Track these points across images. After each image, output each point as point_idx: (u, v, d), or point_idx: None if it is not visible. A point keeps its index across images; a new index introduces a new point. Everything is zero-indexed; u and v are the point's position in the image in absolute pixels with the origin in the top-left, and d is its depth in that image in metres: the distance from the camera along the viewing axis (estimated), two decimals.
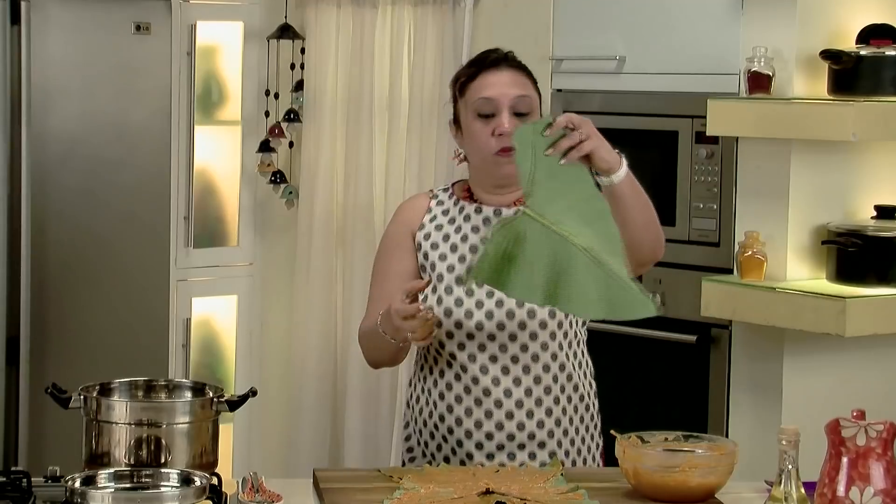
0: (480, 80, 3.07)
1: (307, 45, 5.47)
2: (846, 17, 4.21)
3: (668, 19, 4.54)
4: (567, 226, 2.72)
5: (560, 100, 4.83)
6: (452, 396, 3.08)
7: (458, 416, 3.07)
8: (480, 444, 3.06)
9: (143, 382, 2.98)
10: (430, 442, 3.12)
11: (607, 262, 2.71)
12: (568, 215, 2.74)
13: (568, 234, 2.72)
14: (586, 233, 2.73)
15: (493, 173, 3.08)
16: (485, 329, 3.05)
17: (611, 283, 2.72)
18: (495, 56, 3.11)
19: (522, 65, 3.14)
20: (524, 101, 3.05)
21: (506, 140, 2.99)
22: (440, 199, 3.18)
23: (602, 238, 2.73)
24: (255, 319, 5.69)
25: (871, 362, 4.28)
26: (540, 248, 2.72)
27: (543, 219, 2.74)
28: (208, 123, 5.58)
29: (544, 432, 3.08)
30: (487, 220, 3.10)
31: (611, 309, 2.74)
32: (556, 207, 2.74)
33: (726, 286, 4.19)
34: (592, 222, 2.74)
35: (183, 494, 2.56)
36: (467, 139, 3.09)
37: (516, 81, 3.08)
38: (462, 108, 3.10)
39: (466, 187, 3.18)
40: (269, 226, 5.69)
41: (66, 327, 4.92)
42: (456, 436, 3.07)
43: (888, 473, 2.49)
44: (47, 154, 4.84)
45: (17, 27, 4.72)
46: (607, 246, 2.73)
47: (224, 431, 3.56)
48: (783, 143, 4.17)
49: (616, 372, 4.68)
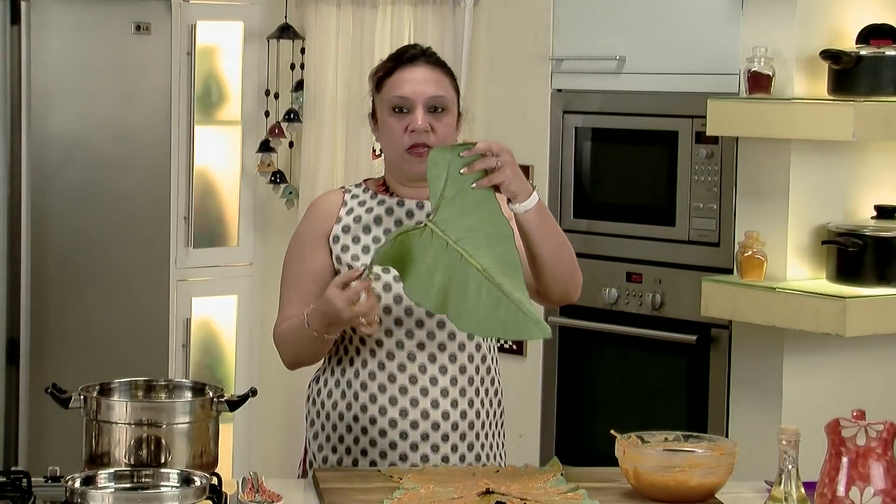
0: (397, 76, 3.08)
1: (307, 45, 5.47)
2: (846, 17, 4.21)
3: (668, 19, 4.55)
4: (467, 244, 2.82)
5: (560, 100, 4.83)
6: (376, 386, 3.05)
7: (383, 406, 3.05)
8: (405, 433, 3.03)
9: (143, 382, 2.98)
10: (346, 436, 3.08)
11: (501, 284, 2.80)
12: (471, 234, 2.83)
13: (466, 252, 2.81)
14: (485, 253, 2.82)
15: (404, 169, 3.09)
16: (413, 315, 3.04)
17: (502, 304, 2.80)
18: (413, 52, 3.11)
19: (441, 61, 3.14)
20: (439, 99, 3.06)
21: (418, 137, 3.03)
22: (354, 194, 3.18)
23: (500, 260, 2.82)
24: (255, 319, 5.69)
25: (871, 362, 4.28)
26: (438, 260, 2.81)
27: (446, 234, 2.83)
28: (208, 123, 5.58)
29: (466, 423, 3.07)
30: (411, 213, 3.11)
31: (502, 329, 2.83)
32: (460, 226, 2.83)
33: (726, 286, 4.19)
34: (494, 245, 2.83)
35: (183, 494, 2.56)
36: (382, 133, 3.12)
37: (433, 79, 3.08)
38: (378, 103, 3.13)
39: (381, 182, 3.18)
40: (269, 226, 5.69)
41: (66, 327, 4.92)
42: (379, 425, 3.04)
43: (888, 473, 2.49)
44: (47, 154, 4.84)
45: (17, 27, 4.72)
46: (505, 268, 2.81)
47: (224, 431, 3.56)
48: (783, 143, 4.17)
49: (616, 372, 4.68)
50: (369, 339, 3.06)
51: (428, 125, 3.04)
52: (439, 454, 3.04)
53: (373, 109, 3.17)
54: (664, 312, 4.54)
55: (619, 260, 4.64)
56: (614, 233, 4.66)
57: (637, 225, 4.62)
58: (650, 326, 4.55)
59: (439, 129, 3.05)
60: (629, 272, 4.63)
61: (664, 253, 4.55)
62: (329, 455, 3.11)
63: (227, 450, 5.59)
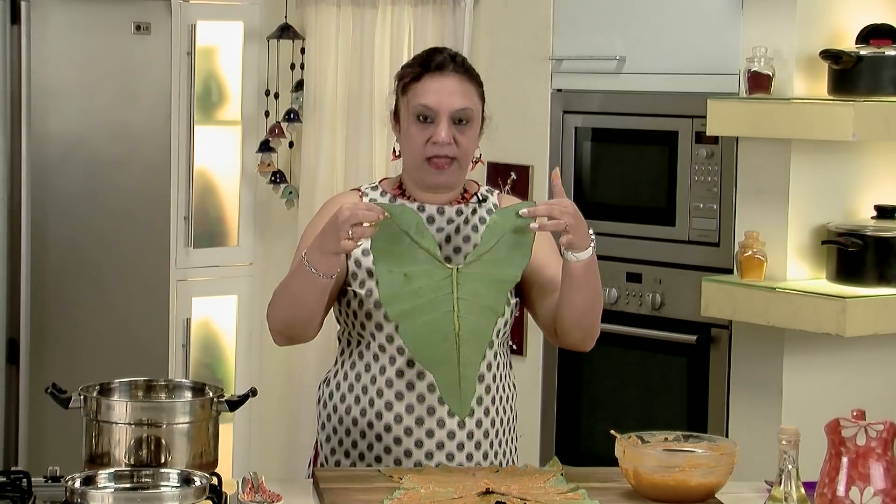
0: (424, 83, 3.03)
1: (307, 45, 5.47)
2: (846, 17, 4.21)
3: (668, 19, 4.55)
4: (465, 304, 2.89)
5: (560, 100, 4.83)
6: (393, 393, 3.03)
7: (399, 413, 3.03)
8: (420, 441, 3.03)
9: (143, 382, 2.98)
10: (359, 441, 3.07)
11: (462, 352, 2.90)
12: (474, 298, 2.91)
13: (458, 308, 2.89)
14: (471, 321, 2.90)
15: (423, 178, 3.06)
16: None
17: (450, 366, 2.90)
18: (441, 59, 3.05)
19: (469, 69, 3.08)
20: (464, 112, 3.02)
21: (440, 149, 3.00)
22: (371, 197, 3.12)
23: (477, 332, 2.92)
24: (255, 319, 5.68)
25: (871, 362, 4.28)
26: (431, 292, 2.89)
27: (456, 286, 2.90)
28: (208, 123, 5.58)
29: (481, 432, 3.06)
30: (431, 219, 3.07)
31: (440, 386, 2.93)
32: (472, 286, 2.91)
33: (726, 286, 4.19)
34: (482, 315, 2.93)
35: (183, 494, 2.56)
36: (404, 138, 3.07)
37: (459, 90, 3.03)
38: (403, 107, 3.07)
39: (397, 185, 3.14)
40: (269, 226, 5.69)
41: (66, 327, 4.92)
42: (394, 433, 3.03)
43: (888, 473, 2.49)
44: (47, 154, 4.84)
45: (17, 27, 4.72)
46: (475, 339, 2.92)
47: (224, 431, 3.56)
48: (783, 143, 4.17)
49: (616, 372, 4.68)
50: (389, 347, 3.04)
51: (451, 138, 3.00)
52: (454, 462, 3.04)
53: (395, 109, 3.11)
54: (664, 312, 4.54)
55: (619, 260, 4.64)
56: (614, 233, 4.66)
57: (637, 225, 4.62)
58: (650, 326, 4.55)
59: (462, 142, 3.02)
60: (629, 272, 4.63)
61: (664, 253, 4.55)
62: (342, 459, 3.10)
63: (227, 450, 5.59)
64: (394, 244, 2.86)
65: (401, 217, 2.88)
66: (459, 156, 3.02)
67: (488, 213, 3.11)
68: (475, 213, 3.11)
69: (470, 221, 3.10)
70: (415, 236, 2.87)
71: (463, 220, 3.09)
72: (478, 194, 3.15)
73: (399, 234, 2.87)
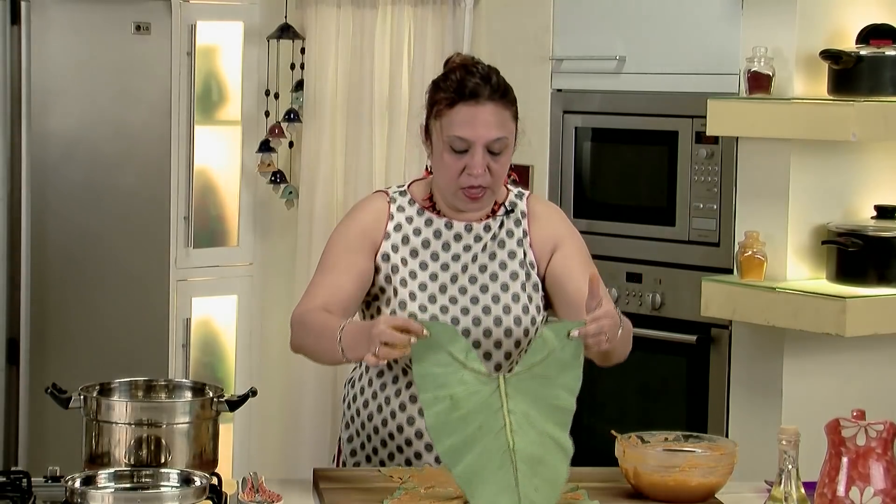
0: (459, 112, 2.95)
1: (307, 45, 5.47)
2: (846, 17, 4.21)
3: (668, 19, 4.55)
4: (517, 417, 2.69)
5: (560, 100, 4.83)
6: (416, 409, 3.02)
7: (419, 430, 3.03)
8: (430, 445, 3.02)
9: (143, 382, 2.98)
10: (380, 449, 3.07)
11: (521, 470, 2.66)
12: (532, 406, 2.72)
13: (512, 426, 2.70)
14: (531, 434, 2.69)
15: (455, 204, 3.04)
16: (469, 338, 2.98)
17: (505, 489, 2.64)
18: (475, 84, 2.97)
19: (505, 91, 3.00)
20: (500, 142, 2.96)
21: (474, 180, 2.96)
22: (400, 205, 3.08)
23: (549, 459, 2.69)
24: (255, 319, 5.69)
25: (871, 362, 4.28)
26: (489, 426, 2.68)
27: (507, 400, 2.71)
28: (208, 123, 5.58)
29: None
30: (459, 237, 3.05)
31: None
32: (529, 396, 2.72)
33: (726, 286, 4.19)
34: (549, 418, 2.73)
35: (183, 494, 2.56)
36: (437, 162, 3.01)
37: (495, 121, 2.96)
38: (435, 130, 3.00)
39: (427, 196, 3.10)
40: (269, 226, 5.69)
41: (66, 327, 4.92)
42: (425, 440, 3.03)
43: (888, 473, 2.49)
44: (47, 154, 4.84)
45: (17, 27, 4.72)
46: (546, 466, 2.69)
47: (224, 431, 3.56)
48: (783, 143, 4.17)
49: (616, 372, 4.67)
50: None
51: (485, 168, 2.95)
52: None
53: (426, 125, 3.03)
54: (664, 312, 4.54)
55: (619, 260, 4.64)
56: (614, 233, 4.66)
57: (637, 225, 4.62)
58: (650, 326, 4.55)
59: (496, 170, 2.98)
60: (629, 272, 4.63)
61: (664, 253, 4.55)
62: (363, 462, 3.11)
63: (227, 450, 5.59)
64: (436, 365, 2.70)
65: (441, 334, 2.71)
66: (493, 184, 2.99)
67: (516, 223, 3.08)
68: (502, 227, 3.08)
69: (497, 237, 3.07)
70: (457, 353, 2.71)
71: (490, 237, 3.07)
72: (505, 203, 3.10)
73: (440, 352, 2.71)
